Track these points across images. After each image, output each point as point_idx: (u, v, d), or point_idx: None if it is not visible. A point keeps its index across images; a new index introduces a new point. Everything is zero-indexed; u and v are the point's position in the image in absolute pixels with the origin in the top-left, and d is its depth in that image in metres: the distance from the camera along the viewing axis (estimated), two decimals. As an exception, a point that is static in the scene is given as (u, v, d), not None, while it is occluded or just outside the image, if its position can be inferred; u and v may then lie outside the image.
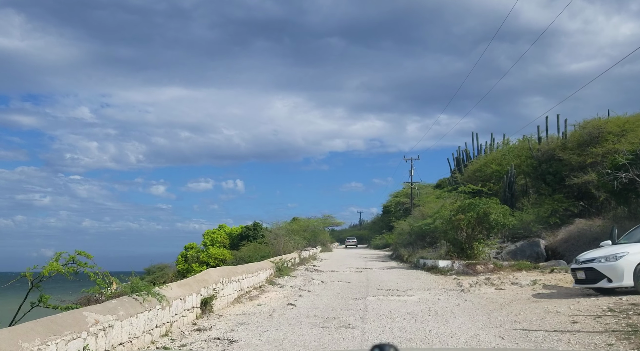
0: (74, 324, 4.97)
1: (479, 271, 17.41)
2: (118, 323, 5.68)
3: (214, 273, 10.28)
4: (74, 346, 4.77)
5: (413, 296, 12.26)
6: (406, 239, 29.30)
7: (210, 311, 9.22)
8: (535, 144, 26.89)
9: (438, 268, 19.11)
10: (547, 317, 8.73)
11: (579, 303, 9.86)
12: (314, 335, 7.40)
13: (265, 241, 27.93)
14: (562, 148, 24.23)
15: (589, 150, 21.99)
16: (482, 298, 11.61)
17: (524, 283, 13.79)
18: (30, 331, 4.40)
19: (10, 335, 4.17)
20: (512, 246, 21.47)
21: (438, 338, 7.24)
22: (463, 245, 19.80)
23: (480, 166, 30.10)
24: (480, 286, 13.79)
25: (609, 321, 7.94)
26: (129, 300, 6.38)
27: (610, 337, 6.93)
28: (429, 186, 53.69)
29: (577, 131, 24.37)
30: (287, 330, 7.83)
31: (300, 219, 44.69)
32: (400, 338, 7.18)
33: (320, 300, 11.71)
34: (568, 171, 22.71)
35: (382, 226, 60.58)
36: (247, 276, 12.67)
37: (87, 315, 5.25)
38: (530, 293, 12.17)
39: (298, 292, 13.19)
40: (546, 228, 21.87)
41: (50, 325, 4.67)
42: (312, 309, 10.15)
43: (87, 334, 5.05)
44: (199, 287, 8.94)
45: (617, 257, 10.16)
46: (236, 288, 11.49)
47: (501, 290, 12.95)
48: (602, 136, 22.24)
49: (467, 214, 19.53)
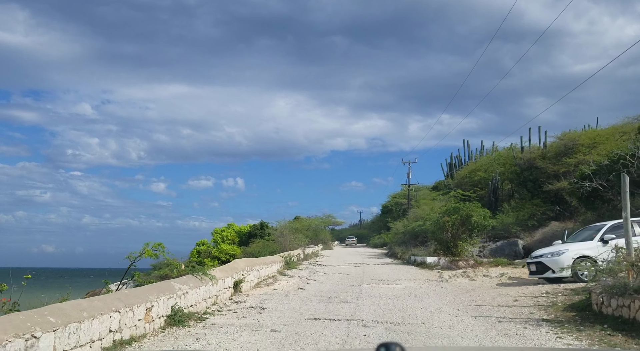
0: (169, 289, 7.68)
1: (460, 266, 20.09)
2: (190, 291, 8.39)
3: (241, 263, 13.00)
4: (171, 301, 7.49)
5: (400, 284, 14.95)
6: (401, 238, 32.02)
7: (240, 292, 11.93)
8: (518, 153, 29.57)
9: (426, 263, 21.82)
10: (498, 297, 11.44)
11: (527, 289, 12.56)
12: (321, 306, 10.11)
13: (272, 239, 30.61)
14: (541, 158, 26.89)
15: (563, 160, 24.65)
16: (455, 286, 14.32)
17: (494, 275, 16.50)
18: (149, 291, 7.11)
19: (141, 291, 6.89)
20: (493, 245, 24.14)
21: (411, 308, 9.94)
22: (448, 244, 22.48)
23: (469, 172, 32.83)
24: (457, 278, 16.50)
25: (540, 300, 10.64)
26: (192, 277, 9.09)
27: (534, 309, 9.63)
28: (425, 187, 56.22)
29: (555, 142, 27.04)
30: (301, 303, 10.55)
31: (303, 218, 47.36)
32: (384, 309, 9.87)
33: (324, 286, 14.42)
34: (545, 178, 25.37)
35: (381, 225, 63.17)
36: (263, 266, 15.38)
37: (174, 284, 7.97)
38: (496, 282, 14.87)
39: (305, 281, 15.91)
40: (524, 229, 24.53)
41: (158, 288, 7.39)
42: (318, 291, 12.86)
43: (176, 296, 7.76)
44: (232, 272, 11.65)
45: (559, 253, 12.86)
46: (256, 275, 14.20)
47: (473, 281, 15.66)
48: (575, 147, 24.91)
49: (452, 217, 22.21)
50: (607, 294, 8.37)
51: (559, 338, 7.05)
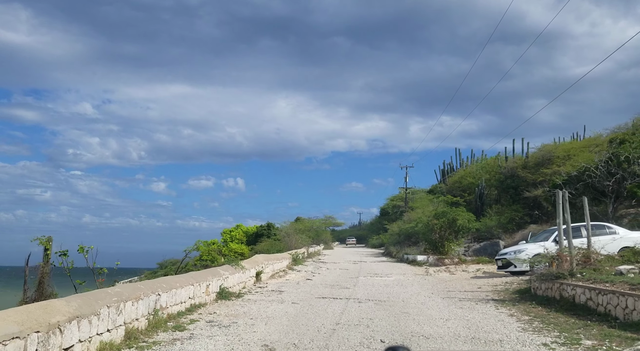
0: (217, 274, 10.59)
1: (446, 264, 22.99)
2: (230, 276, 11.29)
3: (260, 257, 15.91)
4: (220, 282, 10.40)
5: (391, 277, 17.84)
6: (396, 239, 34.92)
7: (260, 280, 14.83)
8: (503, 162, 32.48)
9: (417, 261, 24.72)
10: (467, 286, 14.33)
11: (493, 280, 15.46)
12: (326, 290, 13.02)
13: (278, 239, 33.48)
14: (522, 167, 29.80)
15: (540, 170, 27.55)
16: (436, 279, 17.22)
17: (471, 270, 19.40)
18: (207, 274, 10.03)
19: (203, 273, 9.81)
20: (477, 246, 27.03)
21: (396, 293, 12.82)
22: (437, 244, 25.36)
23: (459, 178, 35.75)
24: (440, 273, 19.39)
25: (498, 287, 13.54)
26: (229, 267, 12.00)
27: (490, 293, 12.51)
28: (422, 191, 59.03)
29: (535, 153, 29.94)
30: (310, 288, 13.46)
31: (304, 220, 50.24)
32: (374, 292, 12.75)
33: (328, 277, 17.32)
34: (525, 186, 28.26)
35: (379, 227, 65.99)
36: (276, 262, 18.28)
37: (220, 270, 10.88)
38: (471, 276, 17.76)
39: (311, 274, 18.80)
40: (505, 231, 27.42)
41: (211, 272, 10.31)
42: (323, 281, 15.76)
43: (222, 278, 10.66)
44: (254, 265, 14.55)
45: (520, 251, 15.75)
46: (271, 269, 17.09)
47: (453, 275, 18.55)
48: (552, 159, 27.81)
49: (440, 220, 25.10)
50: (539, 280, 11.29)
51: (496, 309, 9.93)
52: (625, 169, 21.71)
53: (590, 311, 8.88)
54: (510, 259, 15.87)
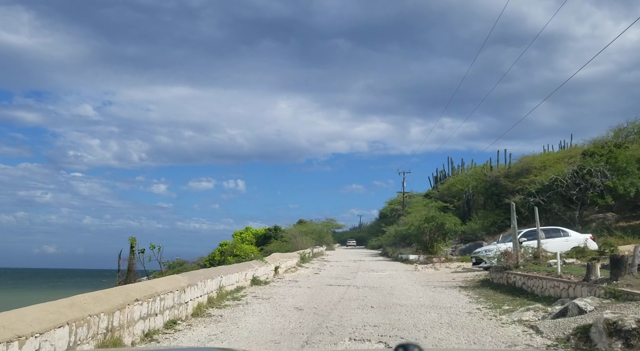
0: (250, 266, 14.11)
1: (434, 262, 26.46)
2: (259, 268, 14.80)
3: (277, 255, 19.44)
4: (252, 272, 13.93)
5: (384, 272, 21.32)
6: (392, 240, 38.44)
7: (278, 273, 18.34)
8: (488, 171, 36.00)
9: (409, 260, 28.22)
10: (444, 278, 17.82)
11: (467, 274, 18.94)
12: (332, 280, 16.53)
13: (285, 240, 36.98)
14: (505, 176, 33.32)
15: (519, 179, 31.06)
16: (422, 273, 20.71)
17: (453, 267, 22.89)
18: (244, 265, 13.56)
19: (242, 265, 13.35)
20: (463, 246, 30.52)
21: (387, 283, 16.31)
22: (427, 245, 28.85)
23: (450, 185, 39.30)
24: (426, 269, 22.89)
25: (468, 279, 17.03)
26: (258, 261, 15.51)
27: (461, 282, 15.99)
28: (419, 195, 62.49)
29: (516, 163, 33.46)
30: (319, 279, 16.97)
31: (307, 222, 53.75)
32: (370, 282, 16.24)
33: (332, 272, 20.81)
34: (506, 193, 31.75)
35: (378, 229, 69.43)
36: (288, 259, 21.79)
37: (252, 263, 14.41)
38: (451, 271, 21.24)
39: (318, 270, 22.30)
40: (488, 233, 30.91)
41: (246, 265, 13.85)
42: (328, 275, 19.26)
43: (254, 270, 14.18)
44: (273, 261, 18.06)
45: (489, 250, 19.23)
46: (284, 265, 20.60)
47: (437, 270, 22.04)
48: (529, 169, 31.31)
49: (429, 224, 28.61)
50: (494, 272, 14.79)
51: (459, 292, 13.41)
52: (588, 180, 25.24)
53: (523, 292, 12.37)
54: (481, 257, 19.35)
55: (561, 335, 7.11)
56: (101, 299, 5.71)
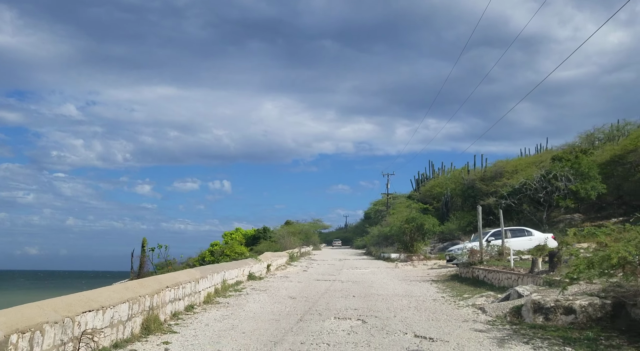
0: (247, 263, 15.89)
1: (413, 260, 28.44)
2: (255, 265, 16.58)
3: (268, 254, 21.22)
4: (248, 268, 15.71)
5: (367, 270, 23.22)
6: (376, 240, 40.42)
7: (269, 271, 20.12)
8: (466, 174, 38.18)
9: (390, 258, 30.19)
10: (420, 274, 19.78)
11: (441, 270, 20.93)
12: (319, 276, 18.37)
13: (274, 240, 38.73)
14: (480, 179, 35.52)
15: (493, 182, 33.26)
16: (401, 270, 22.66)
17: (430, 264, 24.90)
18: (242, 263, 15.34)
19: (240, 262, 15.13)
20: (441, 245, 32.61)
21: (368, 278, 18.19)
22: (407, 244, 30.85)
23: (430, 187, 41.44)
24: (405, 266, 24.86)
25: (441, 274, 19.00)
26: (252, 259, 17.28)
27: (433, 277, 17.95)
28: (402, 196, 64.66)
29: (491, 167, 35.68)
30: (308, 275, 18.80)
31: (294, 223, 55.52)
32: (352, 277, 18.10)
33: (319, 270, 22.65)
34: (481, 195, 33.93)
35: (363, 229, 71.45)
36: (279, 258, 23.58)
37: (248, 261, 16.19)
38: (428, 268, 23.23)
39: (306, 267, 24.12)
40: (464, 233, 33.03)
41: (243, 262, 15.63)
42: (316, 272, 21.09)
43: (249, 266, 15.95)
44: (266, 259, 19.84)
45: (460, 249, 21.21)
46: (276, 263, 22.39)
47: (415, 267, 24.02)
48: (502, 173, 33.53)
49: (410, 224, 30.61)
50: (462, 267, 16.78)
51: (430, 285, 15.34)
52: (554, 184, 27.46)
53: (484, 283, 14.34)
54: (453, 255, 21.36)
55: (500, 313, 9.05)
56: (144, 285, 7.48)
